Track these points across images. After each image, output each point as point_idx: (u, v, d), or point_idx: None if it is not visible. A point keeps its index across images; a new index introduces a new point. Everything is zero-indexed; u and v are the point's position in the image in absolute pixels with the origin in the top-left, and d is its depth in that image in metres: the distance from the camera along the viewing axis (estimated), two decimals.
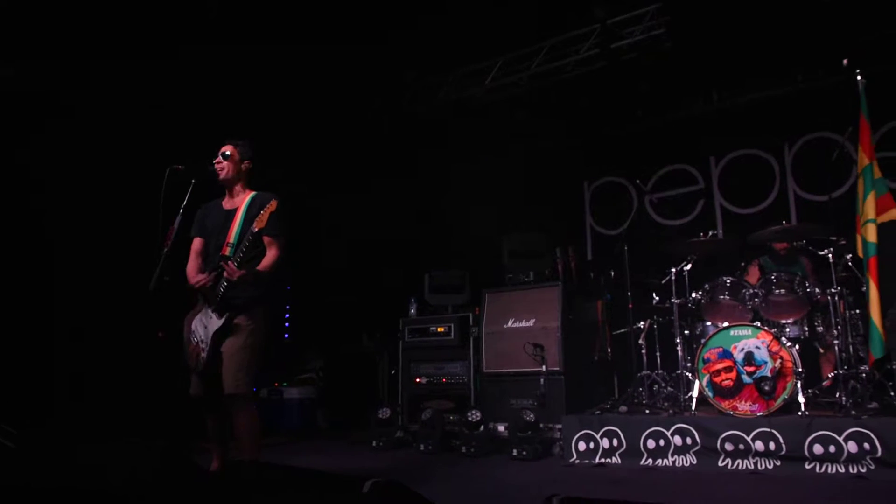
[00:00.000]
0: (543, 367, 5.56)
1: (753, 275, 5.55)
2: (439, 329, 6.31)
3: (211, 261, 3.84)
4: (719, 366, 4.66)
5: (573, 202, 7.66)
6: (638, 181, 6.77)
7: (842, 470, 3.98)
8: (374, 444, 5.89)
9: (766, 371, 4.48)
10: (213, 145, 4.01)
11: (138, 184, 4.81)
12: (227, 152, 3.93)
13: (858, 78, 4.61)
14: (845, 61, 5.02)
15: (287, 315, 8.49)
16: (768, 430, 4.23)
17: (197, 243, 3.98)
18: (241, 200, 3.91)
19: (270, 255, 3.79)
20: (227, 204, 3.96)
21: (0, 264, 5.35)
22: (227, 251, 3.74)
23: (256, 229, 3.61)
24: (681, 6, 5.92)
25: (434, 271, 6.69)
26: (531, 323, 5.82)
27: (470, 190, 7.28)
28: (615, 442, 4.72)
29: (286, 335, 8.43)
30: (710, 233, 5.38)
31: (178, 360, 3.82)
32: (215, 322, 3.67)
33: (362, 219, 7.83)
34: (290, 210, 3.97)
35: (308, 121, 7.18)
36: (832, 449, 4.03)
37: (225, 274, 3.61)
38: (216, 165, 3.89)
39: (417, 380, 6.36)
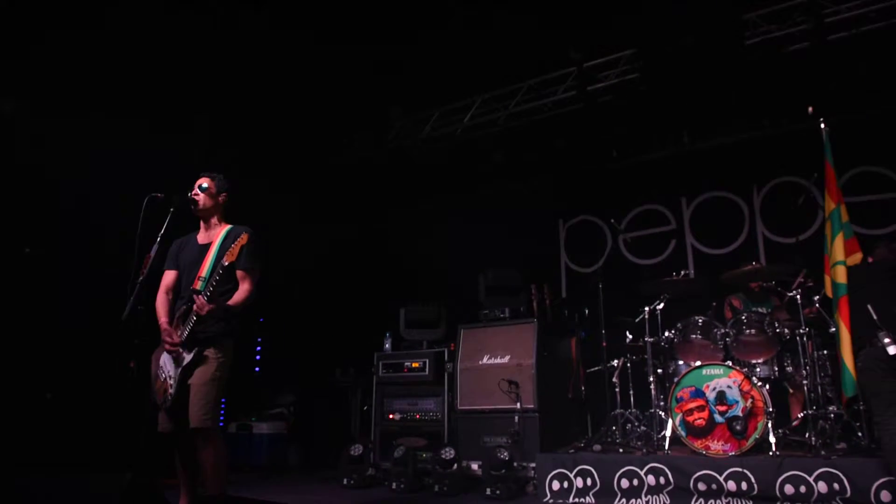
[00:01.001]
0: (518, 405, 5.55)
1: (735, 307, 5.64)
2: (414, 364, 6.27)
3: (183, 295, 3.85)
4: (692, 405, 4.70)
5: (549, 240, 7.75)
6: (612, 220, 6.88)
7: None
8: (345, 481, 5.78)
9: (738, 410, 4.53)
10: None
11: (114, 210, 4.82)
12: (204, 185, 3.97)
13: (822, 125, 4.79)
14: (810, 109, 5.22)
15: (258, 348, 8.35)
16: (740, 469, 4.26)
17: (169, 276, 3.99)
18: (217, 234, 3.94)
19: (242, 289, 3.80)
20: (202, 238, 3.99)
21: None
22: (199, 285, 3.75)
23: (227, 263, 3.63)
24: (654, 53, 6.12)
25: (410, 306, 6.67)
26: (506, 360, 5.82)
27: (447, 226, 7.34)
28: (589, 481, 4.70)
29: (257, 368, 8.28)
30: (682, 272, 5.47)
31: (147, 393, 3.77)
32: (184, 357, 3.66)
33: (338, 251, 7.83)
34: (265, 242, 3.98)
35: (290, 147, 7.21)
36: (803, 489, 4.07)
37: (194, 307, 3.61)
38: (193, 196, 3.92)
39: (391, 416, 6.28)
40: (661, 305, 5.34)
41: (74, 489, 2.20)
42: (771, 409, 4.47)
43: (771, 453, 4.32)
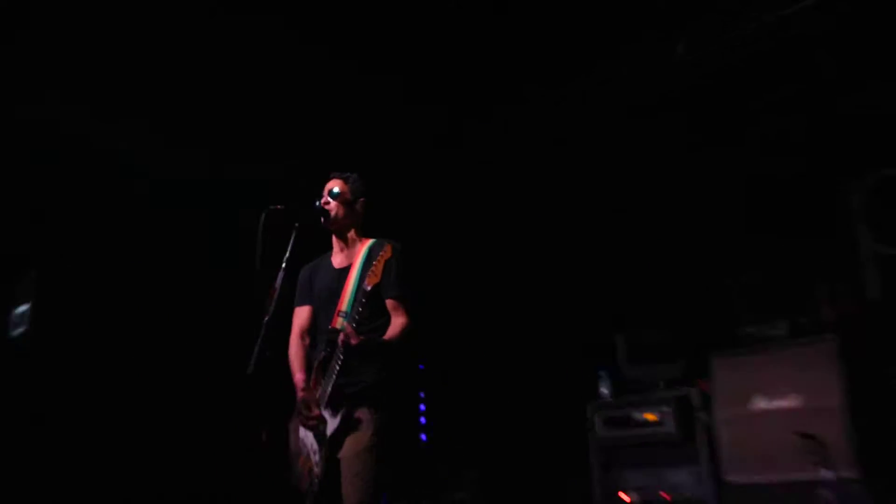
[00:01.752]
0: (826, 472, 4.31)
1: None
2: (649, 416, 5.15)
3: (320, 339, 3.54)
4: None
5: (831, 214, 6.04)
6: None
7: None
8: None
9: None
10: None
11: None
12: (336, 189, 3.66)
13: None
14: None
15: (422, 406, 7.20)
16: None
17: (301, 315, 3.73)
18: (357, 253, 3.63)
19: (396, 324, 3.47)
20: (337, 260, 3.71)
21: None
22: (338, 323, 3.41)
23: (370, 287, 3.27)
24: None
25: (631, 330, 5.65)
26: (794, 401, 4.61)
27: (671, 215, 5.88)
28: None
29: (423, 435, 7.16)
30: None
31: (286, 476, 3.46)
32: (330, 422, 3.32)
33: (514, 262, 6.62)
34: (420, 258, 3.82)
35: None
36: None
37: (340, 339, 3.24)
38: (323, 206, 3.62)
39: (623, 495, 5.12)
40: None
41: None
42: None
43: None
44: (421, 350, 6.86)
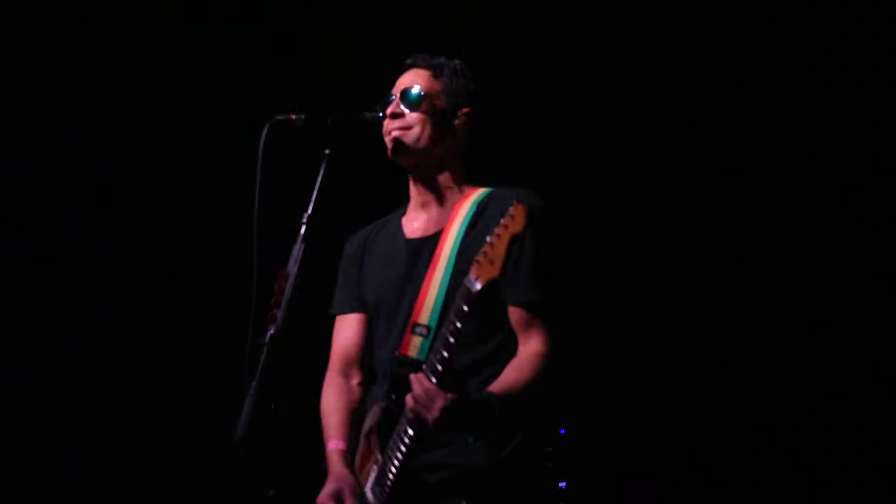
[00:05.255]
0: None
1: None
2: None
3: (382, 371, 2.07)
4: None
5: None
6: None
7: None
8: None
9: None
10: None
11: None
12: (417, 88, 2.06)
13: None
14: None
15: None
16: None
17: (348, 330, 2.21)
18: (453, 214, 2.06)
19: (528, 354, 1.93)
20: (415, 224, 2.15)
21: None
22: (411, 349, 1.91)
23: (480, 284, 1.62)
24: None
25: None
26: None
27: None
28: None
29: None
30: None
31: None
32: None
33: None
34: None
35: None
36: None
37: (408, 406, 1.71)
38: (389, 121, 2.04)
39: None
40: None
41: None
42: None
43: None
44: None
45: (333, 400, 2.13)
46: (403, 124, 2.02)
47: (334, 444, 2.04)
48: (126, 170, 3.83)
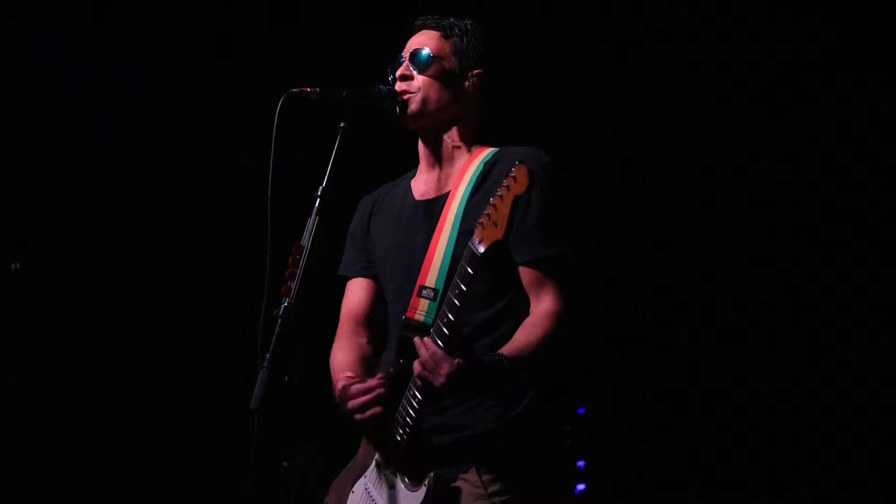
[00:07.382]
0: None
1: None
2: None
3: (393, 336, 2.06)
4: None
5: None
6: None
7: None
8: None
9: None
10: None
11: None
12: (426, 49, 2.04)
13: None
14: None
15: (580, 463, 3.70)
16: None
17: (357, 294, 2.21)
18: (459, 175, 2.04)
19: (541, 313, 1.89)
20: (423, 186, 2.14)
21: None
22: (418, 313, 1.89)
23: (484, 247, 1.63)
24: None
25: None
26: None
27: None
28: None
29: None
30: None
31: None
32: (404, 496, 1.86)
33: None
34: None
35: None
36: None
37: (415, 371, 1.70)
38: (399, 83, 2.04)
39: None
40: None
41: None
42: None
43: None
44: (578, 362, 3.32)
45: (343, 358, 2.12)
46: (412, 87, 2.02)
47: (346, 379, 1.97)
48: (140, 144, 3.86)
